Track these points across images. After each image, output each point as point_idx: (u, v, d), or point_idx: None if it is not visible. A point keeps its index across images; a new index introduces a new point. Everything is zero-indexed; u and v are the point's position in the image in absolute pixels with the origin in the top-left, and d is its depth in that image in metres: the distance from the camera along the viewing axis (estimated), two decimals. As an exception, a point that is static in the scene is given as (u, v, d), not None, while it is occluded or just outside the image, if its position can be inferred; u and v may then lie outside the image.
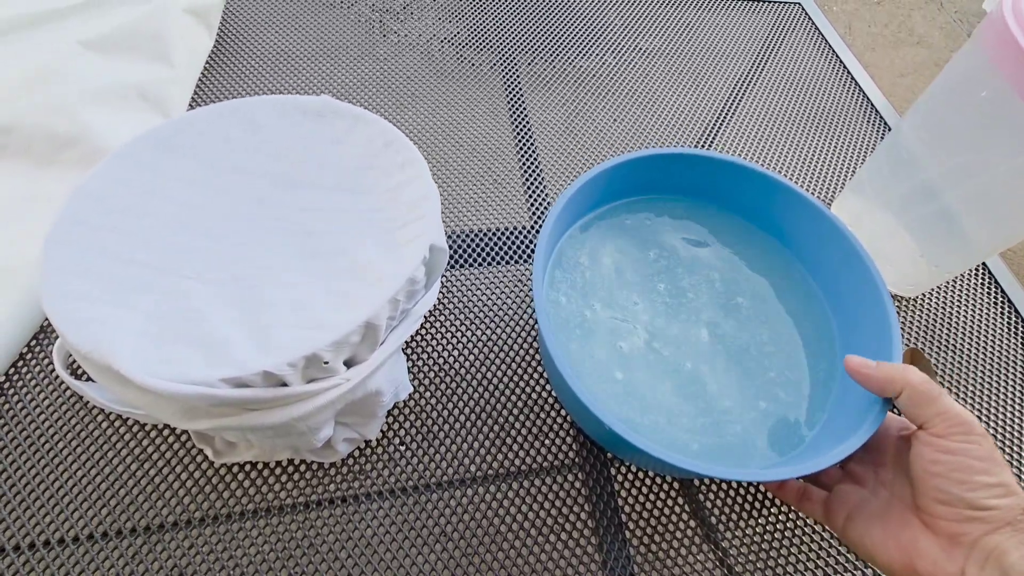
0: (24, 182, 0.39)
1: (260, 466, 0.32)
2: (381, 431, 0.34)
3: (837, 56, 0.61)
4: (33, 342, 0.35)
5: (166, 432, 0.33)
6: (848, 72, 0.60)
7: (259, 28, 0.54)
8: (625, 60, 0.58)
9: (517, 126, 0.51)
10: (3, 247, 0.36)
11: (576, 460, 0.34)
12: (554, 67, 0.56)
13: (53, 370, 0.34)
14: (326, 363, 0.25)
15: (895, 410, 0.34)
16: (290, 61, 0.52)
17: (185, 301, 0.27)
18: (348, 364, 0.27)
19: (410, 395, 0.35)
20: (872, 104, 0.57)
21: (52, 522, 0.30)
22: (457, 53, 0.55)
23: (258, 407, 0.25)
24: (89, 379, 0.34)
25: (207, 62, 0.50)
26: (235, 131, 0.33)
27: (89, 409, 0.33)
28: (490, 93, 0.53)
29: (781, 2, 0.66)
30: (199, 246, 0.29)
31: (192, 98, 0.47)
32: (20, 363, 0.34)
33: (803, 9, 0.66)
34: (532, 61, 0.56)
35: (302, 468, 0.33)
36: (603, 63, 0.57)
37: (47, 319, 0.36)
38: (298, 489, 0.32)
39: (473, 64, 0.55)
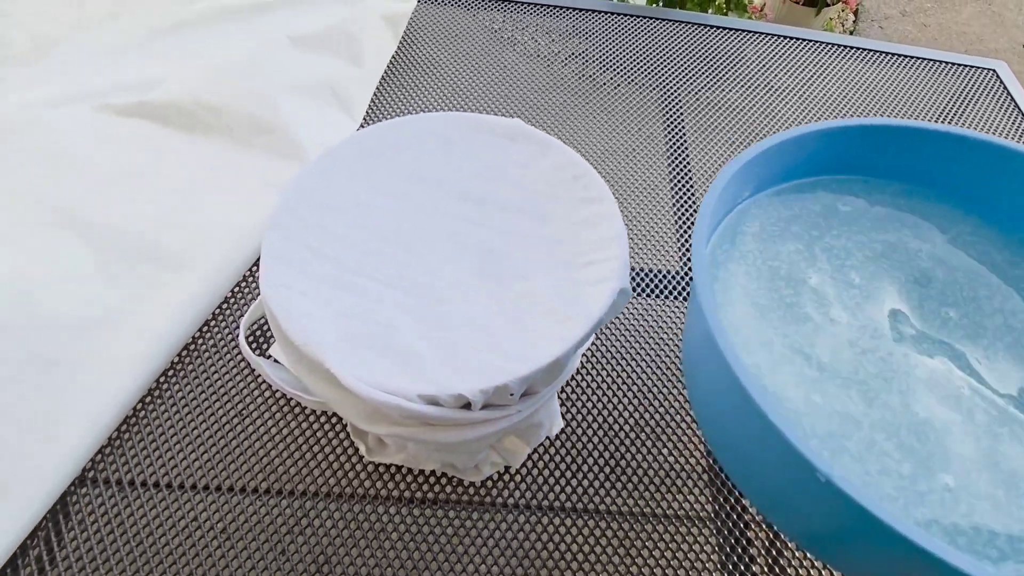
0: (222, 161, 0.42)
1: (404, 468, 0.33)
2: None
3: (1034, 132, 0.56)
4: (216, 309, 0.38)
5: (323, 418, 0.35)
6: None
7: (435, 38, 0.56)
8: (790, 106, 0.55)
9: (675, 165, 0.49)
10: (200, 217, 0.39)
11: (708, 512, 0.33)
12: (720, 114, 0.54)
13: (232, 336, 0.37)
14: (511, 394, 0.25)
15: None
16: (459, 76, 0.53)
17: (374, 305, 0.28)
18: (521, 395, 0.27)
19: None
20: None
21: (200, 468, 0.32)
22: (617, 80, 0.55)
23: (438, 424, 0.26)
24: (262, 353, 0.36)
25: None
26: (430, 144, 0.35)
27: (256, 379, 0.36)
28: (649, 128, 0.52)
29: (971, 66, 0.61)
30: (388, 252, 0.30)
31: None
32: (210, 323, 0.37)
33: (997, 76, 0.60)
34: (696, 96, 0.55)
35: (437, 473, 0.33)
36: (767, 110, 0.55)
37: (232, 289, 0.38)
38: (416, 484, 0.33)
39: (635, 98, 0.54)
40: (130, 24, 0.50)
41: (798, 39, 0.62)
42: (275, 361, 0.35)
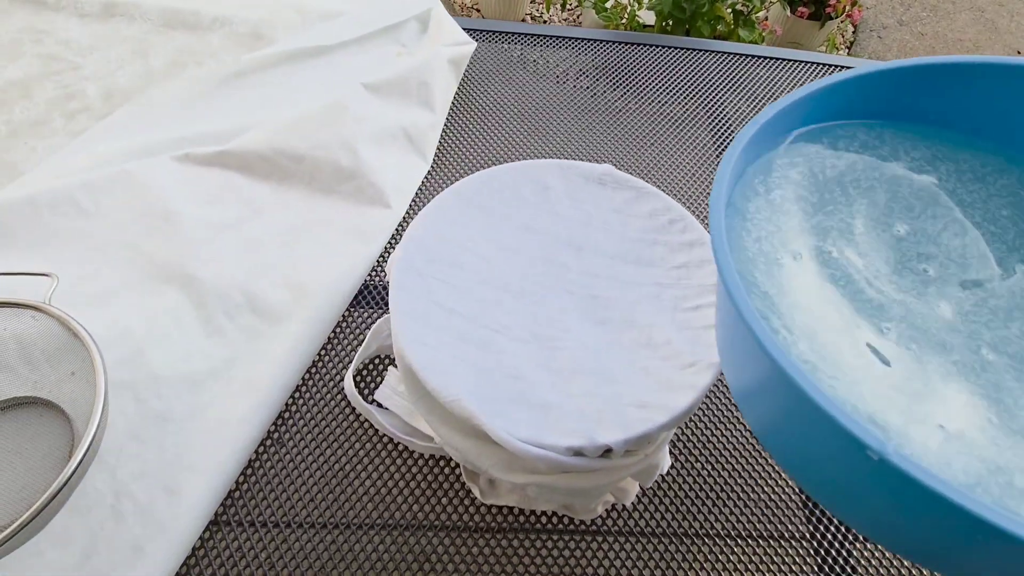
0: (307, 208, 0.44)
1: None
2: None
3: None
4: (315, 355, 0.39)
5: (431, 460, 0.35)
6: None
7: (483, 72, 0.58)
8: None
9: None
10: (293, 265, 0.40)
11: (806, 531, 0.34)
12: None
13: (333, 383, 0.38)
14: (650, 442, 0.26)
15: None
16: (508, 108, 0.55)
17: (499, 356, 0.29)
18: (648, 439, 0.28)
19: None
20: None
21: (316, 507, 0.33)
22: (675, 116, 0.57)
23: (575, 471, 0.27)
24: (365, 399, 0.37)
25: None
26: (526, 191, 0.36)
27: (363, 423, 0.36)
28: (704, 162, 0.53)
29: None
30: (501, 300, 0.32)
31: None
32: (311, 369, 0.38)
33: None
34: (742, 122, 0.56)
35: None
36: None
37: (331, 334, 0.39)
38: (524, 515, 0.34)
39: (691, 138, 0.56)
40: (196, 74, 0.51)
41: (836, 65, 0.64)
42: (379, 406, 0.36)
